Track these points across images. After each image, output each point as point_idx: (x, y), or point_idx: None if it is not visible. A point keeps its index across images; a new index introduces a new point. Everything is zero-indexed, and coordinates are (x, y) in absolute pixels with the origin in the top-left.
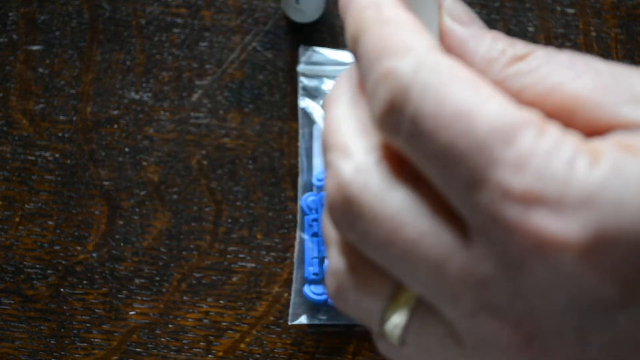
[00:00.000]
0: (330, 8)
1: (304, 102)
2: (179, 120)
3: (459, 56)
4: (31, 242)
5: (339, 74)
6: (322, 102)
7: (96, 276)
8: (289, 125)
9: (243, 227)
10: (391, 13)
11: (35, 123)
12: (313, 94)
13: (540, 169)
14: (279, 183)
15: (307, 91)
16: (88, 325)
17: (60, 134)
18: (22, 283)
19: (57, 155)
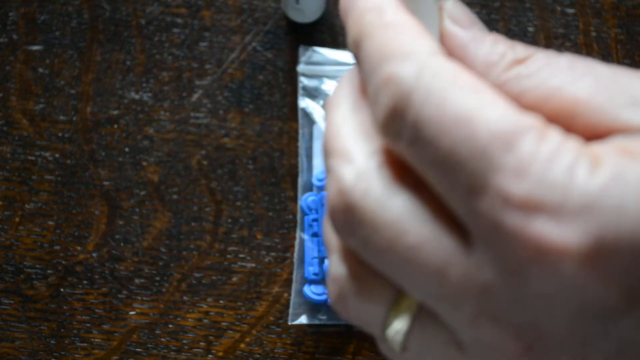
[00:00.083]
0: (330, 8)
1: (304, 102)
2: (179, 120)
3: (459, 59)
4: (31, 242)
5: (340, 75)
6: (324, 106)
7: (96, 276)
8: (289, 125)
9: (243, 227)
10: (393, 17)
11: (35, 123)
12: (313, 94)
13: (540, 176)
14: (279, 183)
15: (307, 91)
16: (88, 325)
17: (60, 134)
18: (22, 283)
19: (57, 155)
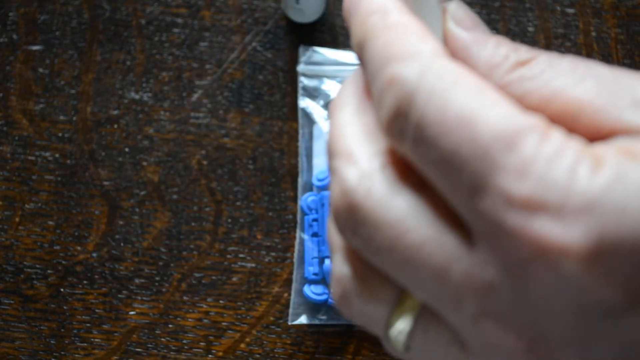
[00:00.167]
0: (330, 8)
1: (304, 102)
2: (179, 120)
3: (463, 61)
4: (31, 242)
5: (340, 75)
6: (328, 108)
7: (96, 276)
8: (289, 125)
9: (243, 227)
10: (397, 18)
11: (35, 123)
12: (313, 94)
13: (542, 175)
14: (279, 183)
15: (307, 91)
16: (88, 325)
17: (60, 134)
18: (22, 283)
19: (57, 155)
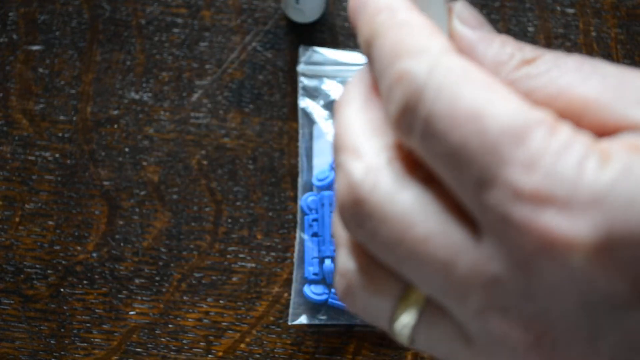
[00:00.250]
0: (330, 8)
1: (304, 102)
2: (179, 120)
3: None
4: (31, 242)
5: (340, 75)
6: (332, 106)
7: (96, 276)
8: (289, 125)
9: (243, 227)
10: (405, 16)
11: (35, 123)
12: (313, 94)
13: (550, 169)
14: (279, 183)
15: (307, 91)
16: (88, 325)
17: (60, 134)
18: (22, 283)
19: (57, 155)
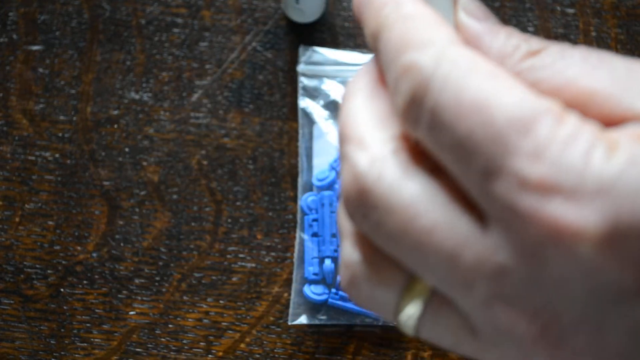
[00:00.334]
0: (330, 8)
1: (304, 102)
2: (179, 120)
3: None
4: (31, 242)
5: (340, 75)
6: (341, 96)
7: (96, 276)
8: (289, 125)
9: (243, 227)
10: (411, 8)
11: (35, 123)
12: (313, 94)
13: (556, 158)
14: (279, 183)
15: (307, 91)
16: (88, 325)
17: (60, 134)
18: (22, 283)
19: (57, 155)
